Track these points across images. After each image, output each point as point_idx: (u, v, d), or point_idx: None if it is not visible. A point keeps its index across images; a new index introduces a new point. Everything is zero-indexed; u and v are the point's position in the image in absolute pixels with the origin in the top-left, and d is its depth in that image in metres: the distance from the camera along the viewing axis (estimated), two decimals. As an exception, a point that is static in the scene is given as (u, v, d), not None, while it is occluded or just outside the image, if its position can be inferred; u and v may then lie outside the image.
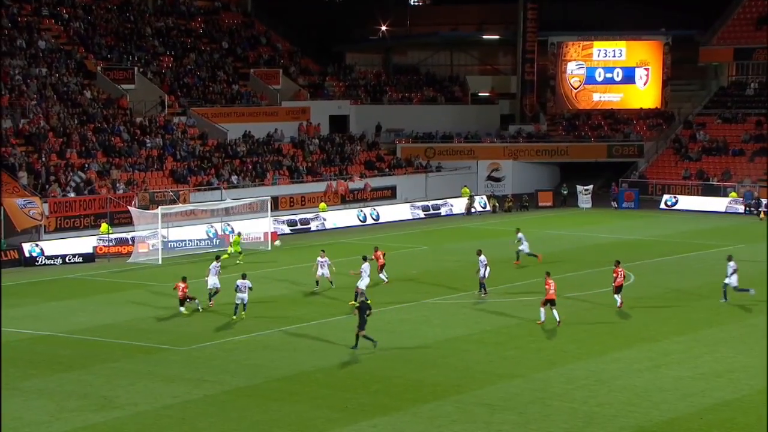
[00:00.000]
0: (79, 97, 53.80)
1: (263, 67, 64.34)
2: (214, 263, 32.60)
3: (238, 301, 30.40)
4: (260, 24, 69.53)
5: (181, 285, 31.21)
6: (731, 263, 32.35)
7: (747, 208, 55.16)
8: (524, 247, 38.83)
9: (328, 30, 76.67)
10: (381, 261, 35.17)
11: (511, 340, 27.82)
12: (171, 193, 48.18)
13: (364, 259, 32.78)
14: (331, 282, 34.45)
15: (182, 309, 31.15)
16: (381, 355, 26.26)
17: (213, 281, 31.86)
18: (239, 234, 42.86)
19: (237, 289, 30.28)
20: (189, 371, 24.94)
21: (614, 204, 58.36)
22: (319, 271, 34.35)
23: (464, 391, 23.05)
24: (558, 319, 29.04)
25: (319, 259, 34.41)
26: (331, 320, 30.47)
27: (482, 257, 33.40)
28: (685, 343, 27.01)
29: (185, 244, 44.09)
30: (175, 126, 55.44)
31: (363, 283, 31.87)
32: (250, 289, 30.48)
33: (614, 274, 31.39)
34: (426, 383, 23.78)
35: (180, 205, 46.77)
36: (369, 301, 28.76)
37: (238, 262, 40.82)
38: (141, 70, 57.93)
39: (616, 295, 31.27)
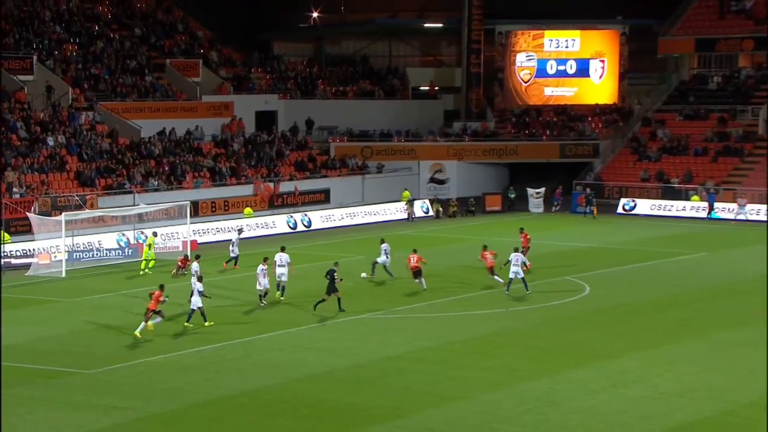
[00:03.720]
0: (-31, 90, 52.79)
1: (180, 57, 63.91)
2: (261, 266, 34.04)
3: (197, 307, 31.34)
4: (177, 9, 69.01)
5: (156, 293, 30.69)
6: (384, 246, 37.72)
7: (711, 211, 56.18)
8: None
9: (253, 16, 76.36)
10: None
11: (455, 358, 27.94)
12: (76, 198, 47.52)
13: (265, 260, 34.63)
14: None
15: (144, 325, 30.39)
16: (312, 377, 26.24)
17: (264, 282, 34.04)
18: (154, 233, 42.70)
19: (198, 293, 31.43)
20: (96, 397, 24.58)
21: (555, 206, 59.14)
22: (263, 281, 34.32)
23: (404, 415, 23.09)
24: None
25: (261, 267, 34.36)
26: (257, 338, 30.32)
27: (385, 245, 38.12)
28: (643, 361, 27.40)
29: (93, 254, 43.54)
30: (79, 124, 54.61)
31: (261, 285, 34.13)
32: (200, 292, 31.39)
33: (408, 261, 36.37)
34: (361, 407, 23.79)
35: (87, 210, 46.19)
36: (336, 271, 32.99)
37: (146, 271, 40.49)
38: (41, 59, 57.04)
39: (416, 280, 36.13)
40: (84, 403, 24.15)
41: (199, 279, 32.10)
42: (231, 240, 42.46)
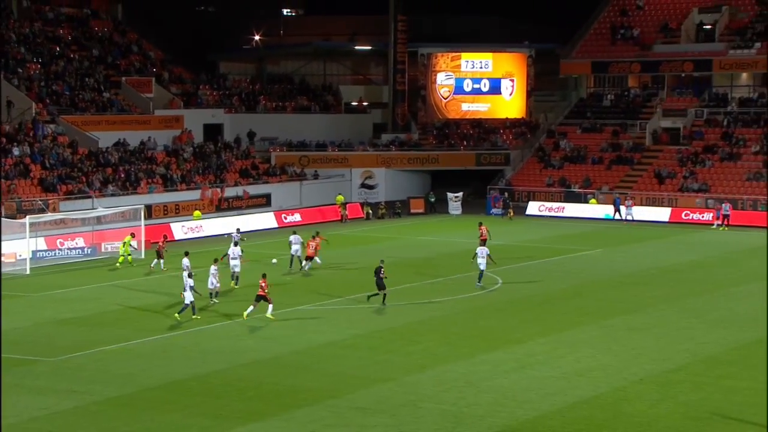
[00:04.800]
0: (-59, 104, 51.44)
1: (135, 76, 63.02)
2: (213, 266, 33.17)
3: (190, 301, 30.84)
4: (131, 32, 68.09)
5: (262, 283, 30.85)
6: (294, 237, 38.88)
7: (616, 213, 56.54)
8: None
9: (201, 39, 75.71)
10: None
11: (383, 344, 27.97)
12: (39, 202, 46.56)
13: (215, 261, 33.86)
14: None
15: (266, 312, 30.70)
16: (256, 362, 26.08)
17: (214, 282, 33.03)
18: (132, 234, 42.28)
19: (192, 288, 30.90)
20: (58, 382, 24.15)
21: (494, 211, 58.81)
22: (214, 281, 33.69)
23: (338, 396, 23.08)
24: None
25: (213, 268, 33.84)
26: (204, 328, 30.03)
27: (295, 236, 39.59)
28: (548, 345, 27.72)
29: (55, 253, 42.69)
30: (43, 135, 53.56)
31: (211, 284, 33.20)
32: (192, 287, 30.78)
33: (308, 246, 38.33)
34: (300, 388, 23.71)
35: (49, 214, 45.28)
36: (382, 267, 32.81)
37: (117, 266, 40.08)
38: (7, 77, 55.79)
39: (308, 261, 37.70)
40: (46, 388, 23.71)
41: (190, 275, 31.39)
42: (232, 236, 41.73)
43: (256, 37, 77.24)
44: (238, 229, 44.00)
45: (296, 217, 56.01)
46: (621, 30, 69.61)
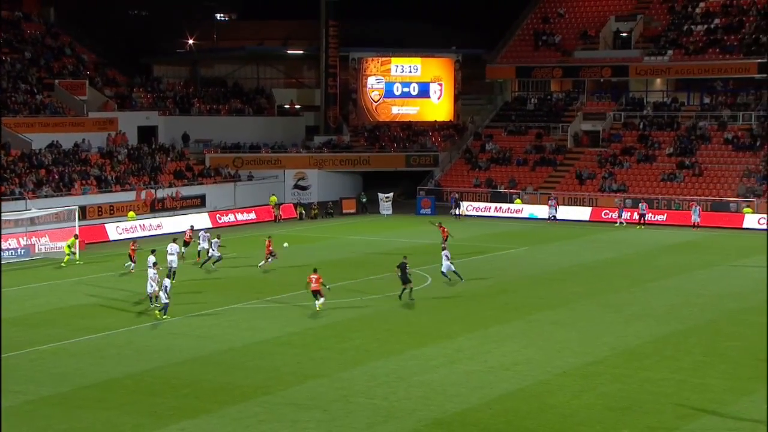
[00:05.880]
0: None
1: (68, 78, 61.78)
2: (153, 271, 32.10)
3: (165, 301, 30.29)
4: (64, 35, 66.74)
5: (314, 277, 30.78)
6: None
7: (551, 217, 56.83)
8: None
9: (135, 42, 74.61)
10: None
11: (316, 341, 27.90)
12: (-28, 204, 45.32)
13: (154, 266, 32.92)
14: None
15: (316, 304, 31.03)
16: (191, 360, 25.78)
17: (154, 286, 31.76)
18: (75, 236, 41.79)
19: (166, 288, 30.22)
20: (-9, 384, 23.51)
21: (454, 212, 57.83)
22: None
23: (271, 392, 22.95)
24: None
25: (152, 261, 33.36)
26: (140, 327, 29.59)
27: (215, 240, 39.97)
28: (475, 340, 27.95)
29: (-13, 254, 41.58)
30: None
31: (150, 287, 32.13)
32: (166, 289, 30.21)
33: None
34: (234, 385, 23.52)
35: (-19, 215, 44.07)
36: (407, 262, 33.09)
37: (63, 265, 39.28)
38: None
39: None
40: (-20, 389, 23.06)
41: (169, 275, 30.97)
42: (201, 235, 41.64)
43: (190, 41, 76.38)
44: (207, 229, 43.88)
45: (230, 218, 55.71)
46: (543, 36, 70.59)
